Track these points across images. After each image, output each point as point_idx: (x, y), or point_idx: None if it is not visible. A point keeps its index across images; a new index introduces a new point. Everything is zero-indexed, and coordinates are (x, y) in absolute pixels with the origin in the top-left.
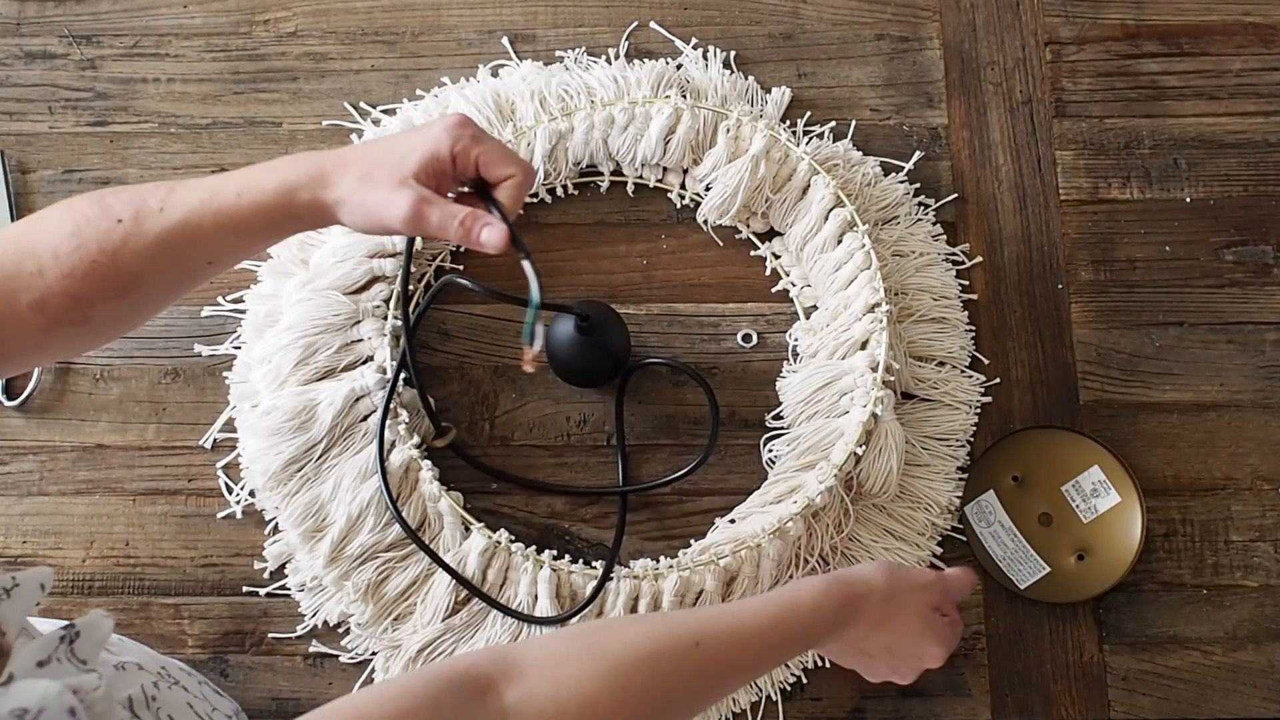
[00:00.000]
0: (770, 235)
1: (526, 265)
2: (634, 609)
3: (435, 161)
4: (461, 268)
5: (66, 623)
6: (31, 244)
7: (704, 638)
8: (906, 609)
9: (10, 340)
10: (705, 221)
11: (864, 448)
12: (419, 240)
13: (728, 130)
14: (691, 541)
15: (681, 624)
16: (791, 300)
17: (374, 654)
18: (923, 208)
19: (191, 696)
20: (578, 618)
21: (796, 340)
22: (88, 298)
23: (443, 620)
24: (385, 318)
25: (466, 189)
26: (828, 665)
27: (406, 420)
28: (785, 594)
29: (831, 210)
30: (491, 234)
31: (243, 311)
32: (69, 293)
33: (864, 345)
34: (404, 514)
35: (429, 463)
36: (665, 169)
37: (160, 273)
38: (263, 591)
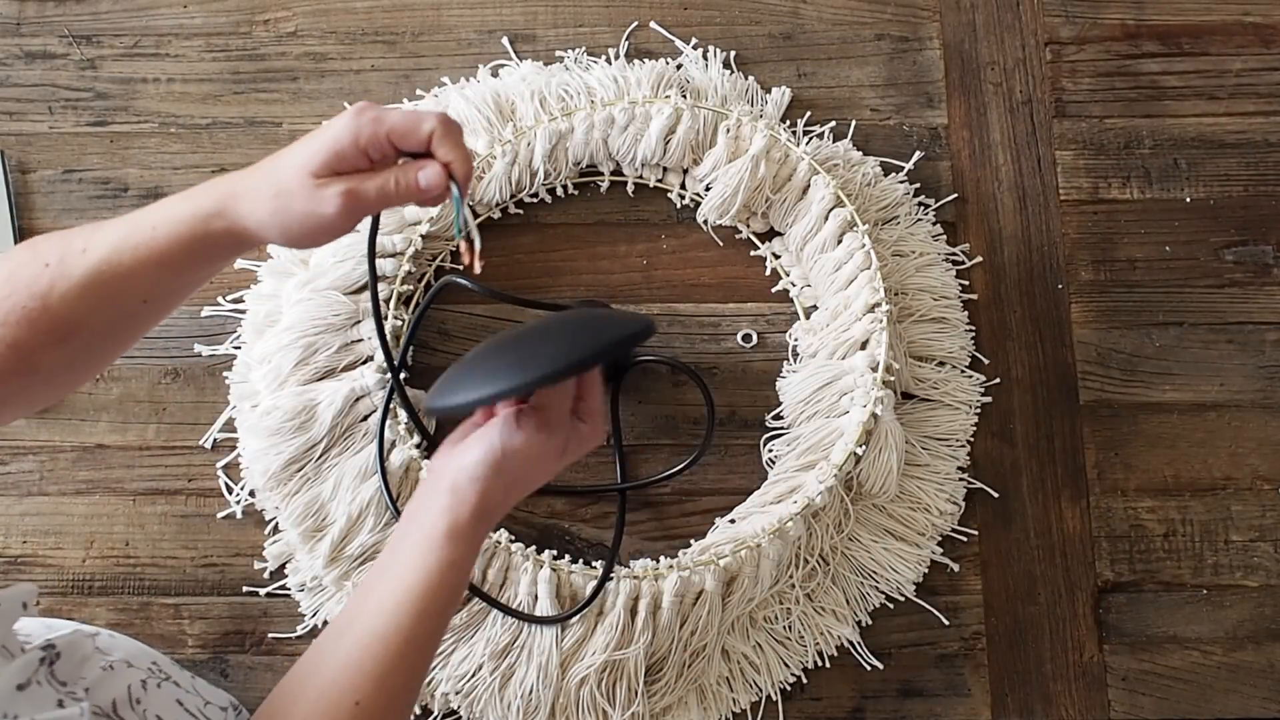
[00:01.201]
0: (770, 235)
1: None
2: (634, 609)
3: (340, 158)
4: (461, 268)
5: (46, 642)
6: None
7: (362, 696)
8: (527, 479)
9: None
10: (705, 221)
11: (864, 448)
12: (419, 241)
13: (728, 130)
14: (691, 541)
15: (336, 686)
16: (791, 300)
17: None
18: (923, 208)
19: (183, 692)
20: (578, 617)
21: (796, 340)
22: (27, 345)
23: None
24: (385, 317)
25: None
26: (828, 665)
27: (406, 420)
28: (418, 578)
29: (831, 210)
30: (427, 174)
31: (243, 311)
32: (7, 340)
33: (864, 345)
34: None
35: (429, 463)
36: (665, 169)
37: (93, 315)
38: (263, 591)
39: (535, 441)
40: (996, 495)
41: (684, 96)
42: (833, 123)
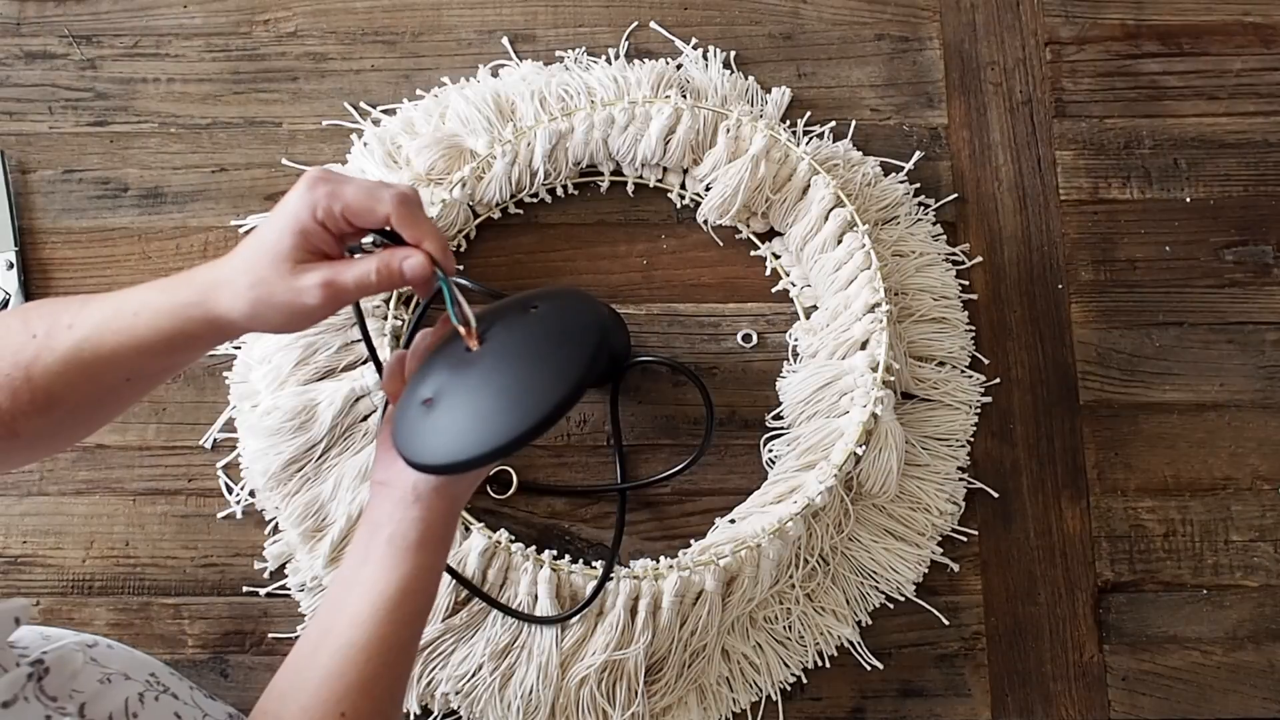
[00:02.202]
0: (770, 235)
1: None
2: (634, 609)
3: (306, 237)
4: (461, 268)
5: (36, 658)
6: None
7: (347, 706)
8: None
9: None
10: (705, 221)
11: (864, 448)
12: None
13: (728, 130)
14: (691, 541)
15: (320, 699)
16: (791, 300)
17: None
18: (923, 208)
19: (180, 704)
20: (578, 617)
21: (796, 340)
22: (9, 412)
23: (443, 620)
24: (385, 318)
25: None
26: (828, 665)
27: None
28: (394, 585)
29: (831, 210)
30: (412, 264)
31: None
32: None
33: (864, 345)
34: None
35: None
36: (665, 169)
37: (75, 390)
38: (263, 591)
39: None
40: (996, 495)
41: (684, 96)
42: (833, 123)
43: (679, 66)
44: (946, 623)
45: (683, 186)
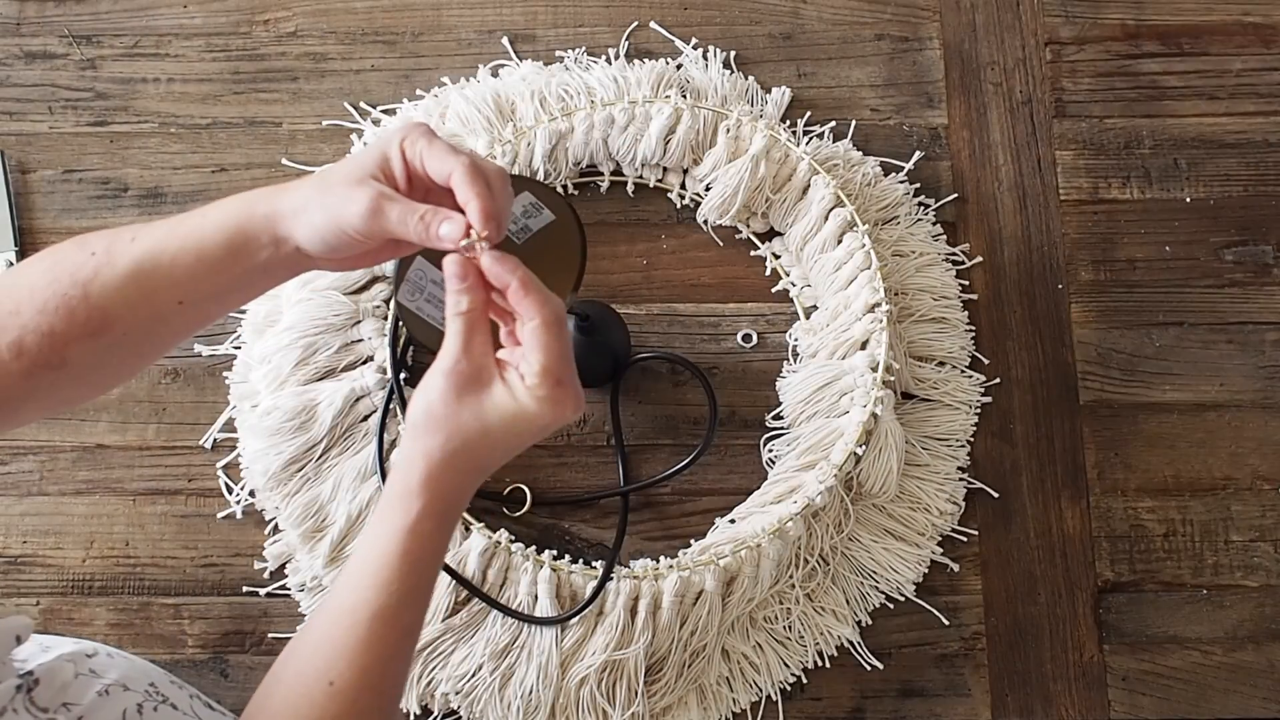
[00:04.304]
0: (770, 235)
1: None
2: (634, 609)
3: (388, 162)
4: None
5: (25, 670)
6: (11, 284)
7: (335, 675)
8: (513, 440)
9: None
10: (705, 221)
11: (864, 448)
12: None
13: (728, 130)
14: (691, 541)
15: (311, 666)
16: (791, 300)
17: None
18: (923, 208)
19: (180, 715)
20: (578, 618)
21: (796, 340)
22: (62, 335)
23: (443, 620)
24: (385, 318)
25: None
26: (828, 665)
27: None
28: (380, 547)
29: (831, 210)
30: (449, 228)
31: (243, 311)
32: (43, 329)
33: (864, 345)
34: None
35: None
36: (665, 169)
37: (130, 309)
38: (263, 591)
39: (439, 381)
40: (996, 495)
41: (684, 96)
42: (833, 123)
43: (679, 66)
44: (946, 623)
45: (683, 186)
